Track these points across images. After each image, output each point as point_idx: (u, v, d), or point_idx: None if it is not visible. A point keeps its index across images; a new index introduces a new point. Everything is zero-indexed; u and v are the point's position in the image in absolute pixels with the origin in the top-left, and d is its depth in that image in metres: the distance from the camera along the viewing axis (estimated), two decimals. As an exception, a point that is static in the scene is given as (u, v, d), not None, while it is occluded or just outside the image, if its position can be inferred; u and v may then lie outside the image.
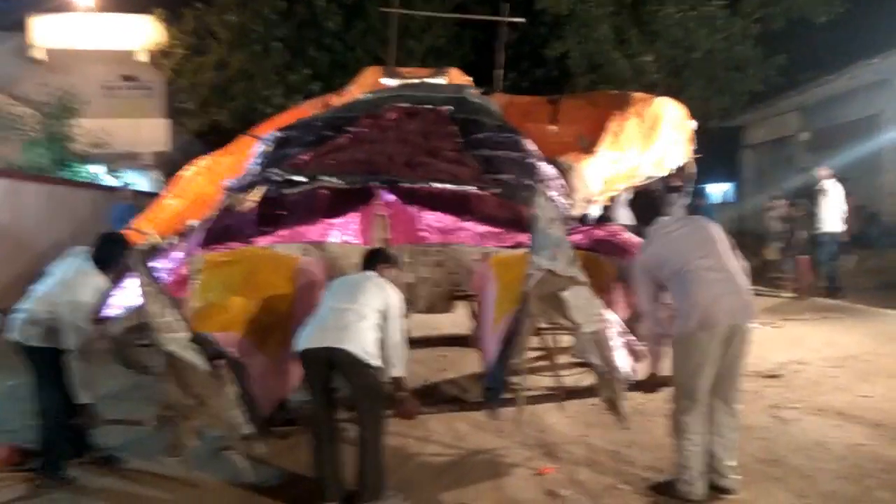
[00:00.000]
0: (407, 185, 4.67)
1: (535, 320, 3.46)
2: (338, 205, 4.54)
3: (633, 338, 4.45)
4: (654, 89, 13.10)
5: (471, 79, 8.48)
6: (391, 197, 4.56)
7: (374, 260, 3.72)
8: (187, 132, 18.54)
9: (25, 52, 17.27)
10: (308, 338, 3.33)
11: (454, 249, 4.41)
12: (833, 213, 8.98)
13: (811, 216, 9.18)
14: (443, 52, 17.79)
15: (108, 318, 4.05)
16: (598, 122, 7.26)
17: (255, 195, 4.65)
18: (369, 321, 3.33)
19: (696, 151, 8.12)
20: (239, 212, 4.48)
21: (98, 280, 3.63)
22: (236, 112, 16.88)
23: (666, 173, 7.57)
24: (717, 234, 3.61)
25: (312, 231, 4.34)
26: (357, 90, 7.90)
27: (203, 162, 7.51)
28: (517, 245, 4.40)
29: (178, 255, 4.23)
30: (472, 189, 4.74)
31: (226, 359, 3.18)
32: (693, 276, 3.43)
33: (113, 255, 3.73)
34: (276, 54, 16.78)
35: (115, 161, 15.36)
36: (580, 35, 12.85)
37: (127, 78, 18.73)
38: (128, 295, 4.10)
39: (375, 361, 3.31)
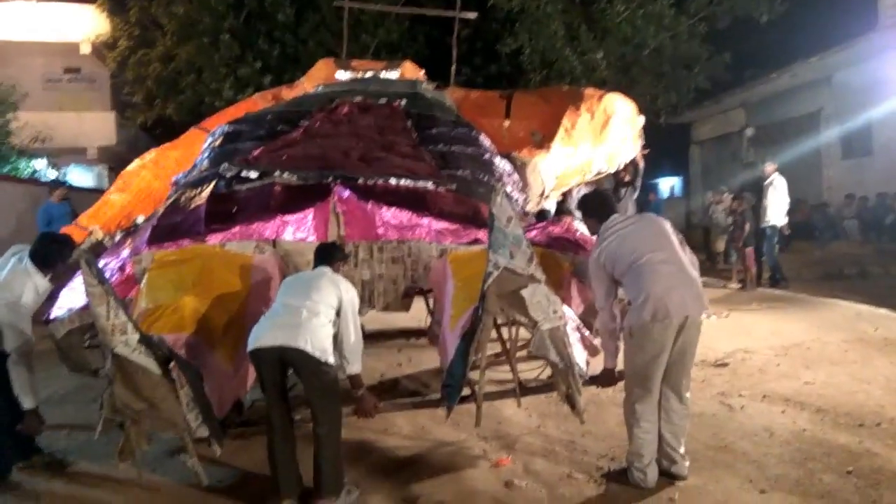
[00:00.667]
0: (362, 180, 4.63)
1: (494, 318, 3.49)
2: (292, 201, 4.47)
3: (588, 333, 4.54)
4: (605, 86, 13.33)
5: (423, 72, 8.47)
6: (346, 193, 4.51)
7: (328, 255, 3.67)
8: (134, 126, 17.98)
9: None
10: (260, 336, 3.26)
11: (411, 246, 4.39)
12: (778, 206, 9.29)
13: (756, 209, 9.47)
14: (396, 47, 17.66)
15: (52, 320, 3.92)
16: (551, 118, 7.36)
17: (204, 191, 4.55)
18: (323, 318, 3.29)
19: (645, 147, 8.32)
20: (187, 208, 4.37)
21: (38, 280, 3.49)
22: (185, 105, 16.44)
23: (616, 168, 7.72)
24: (668, 228, 3.69)
25: (266, 228, 4.25)
26: (309, 83, 7.83)
27: (149, 156, 7.34)
28: (474, 241, 4.41)
29: (124, 253, 4.10)
30: (428, 185, 4.73)
31: (177, 361, 3.10)
32: (646, 270, 3.50)
33: (54, 255, 3.59)
34: (226, 47, 16.37)
35: (58, 156, 14.81)
36: (532, 32, 12.93)
37: (69, 70, 18.13)
38: (74, 295, 3.96)
39: (329, 358, 3.27)
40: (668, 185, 20.94)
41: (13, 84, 13.29)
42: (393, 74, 7.71)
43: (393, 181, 4.70)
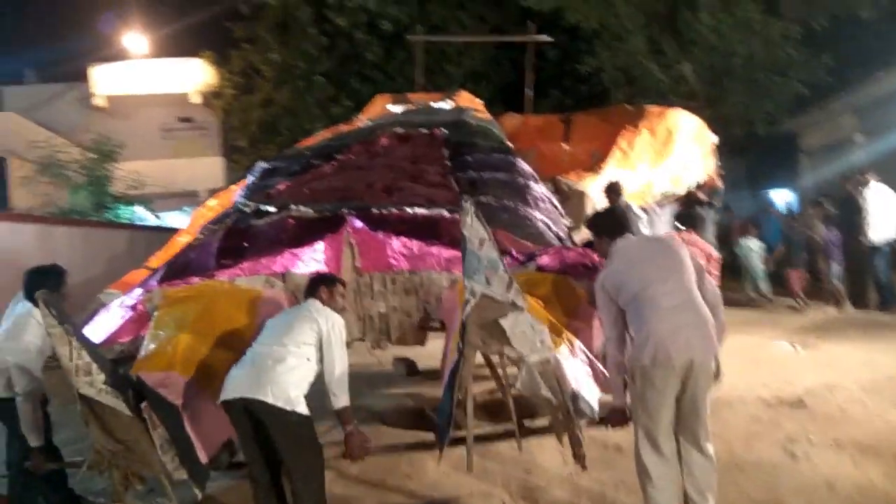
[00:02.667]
0: (377, 210, 4.54)
1: (476, 350, 3.25)
2: (306, 234, 4.45)
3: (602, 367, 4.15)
4: (694, 98, 12.65)
5: (480, 102, 8.32)
6: (358, 223, 4.44)
7: (311, 287, 3.54)
8: (241, 168, 19.15)
9: (88, 101, 18.33)
10: (226, 387, 3.15)
11: (422, 276, 4.23)
12: (883, 219, 8.23)
13: (855, 223, 8.45)
14: (481, 75, 17.77)
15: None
16: (611, 139, 7.02)
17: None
18: (291, 361, 3.14)
19: (749, 158, 7.75)
20: (201, 245, 4.46)
21: (37, 316, 3.57)
22: (283, 147, 17.28)
23: (684, 189, 7.18)
24: (683, 256, 3.27)
25: (275, 262, 4.25)
26: (364, 118, 7.91)
27: (217, 198, 7.66)
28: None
29: (136, 291, 4.22)
30: (443, 212, 4.57)
31: (150, 401, 3.08)
32: (649, 304, 3.12)
33: (35, 286, 3.60)
34: (319, 88, 17.13)
35: (158, 200, 15.99)
36: (612, 48, 12.51)
37: (183, 119, 19.61)
38: (94, 330, 4.10)
39: (298, 407, 3.09)
40: (782, 198, 19.41)
41: (122, 140, 14.51)
42: (446, 105, 7.62)
43: (409, 210, 4.57)
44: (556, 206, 5.62)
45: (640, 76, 12.72)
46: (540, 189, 5.56)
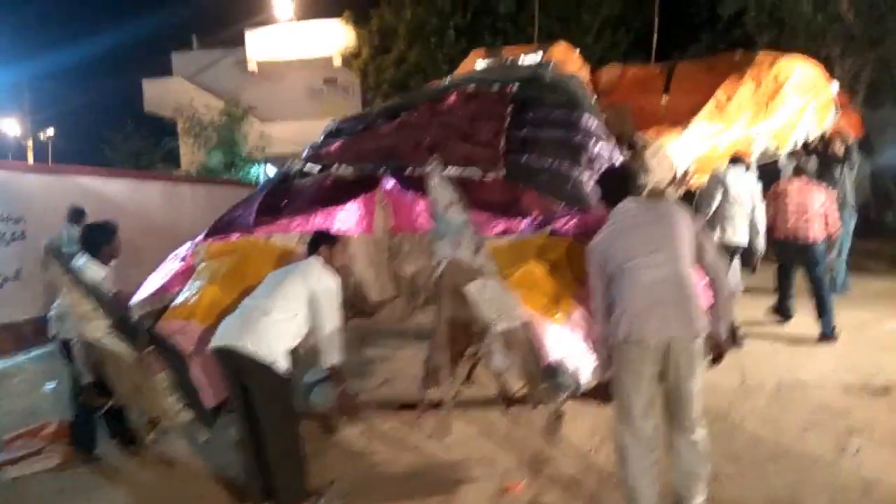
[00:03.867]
0: (410, 170, 4.53)
1: (450, 315, 3.19)
2: (343, 194, 4.54)
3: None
4: (852, 40, 11.07)
5: (577, 53, 7.94)
6: (391, 183, 4.47)
7: (312, 244, 3.60)
8: (378, 128, 19.82)
9: (244, 65, 19.81)
10: (216, 335, 3.29)
11: (446, 239, 4.18)
12: None
13: None
14: (620, 22, 16.80)
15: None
16: (713, 90, 6.39)
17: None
18: (277, 315, 3.24)
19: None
20: (246, 202, 4.71)
21: (93, 268, 4.04)
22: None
23: (792, 146, 6.39)
24: (681, 227, 2.97)
25: (310, 221, 4.38)
26: (458, 74, 7.84)
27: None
28: (504, 233, 4.05)
29: (187, 245, 4.56)
30: (474, 174, 4.46)
31: (158, 347, 3.37)
32: (629, 277, 2.90)
33: (98, 241, 4.00)
34: (450, 44, 17.12)
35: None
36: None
37: (328, 81, 20.58)
38: (153, 280, 4.51)
39: (277, 360, 3.17)
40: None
41: (270, 103, 15.48)
42: (535, 58, 7.34)
43: (450, 170, 4.49)
44: (603, 167, 5.27)
45: (789, 16, 11.33)
46: (602, 148, 5.22)
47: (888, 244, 10.22)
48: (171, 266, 4.46)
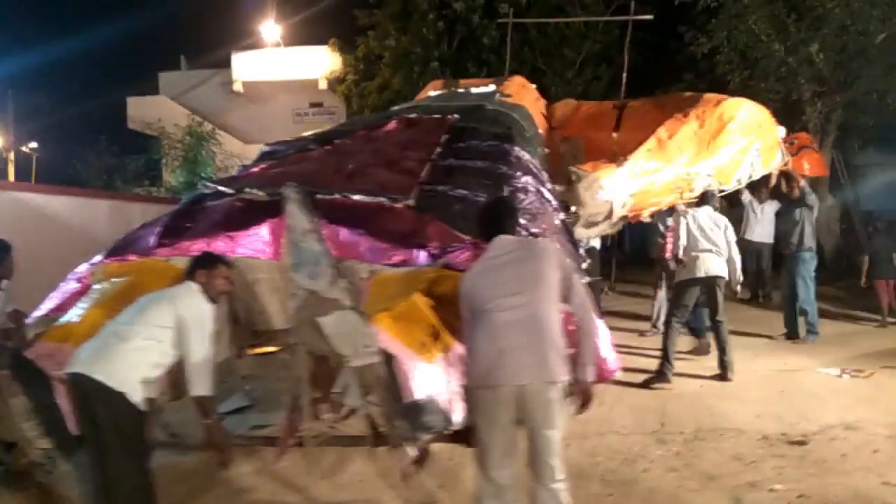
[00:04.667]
0: (322, 196, 4.43)
1: (307, 349, 3.06)
2: (250, 218, 4.43)
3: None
4: (822, 83, 11.10)
5: (533, 87, 7.94)
6: (298, 210, 4.36)
7: (191, 268, 3.44)
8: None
9: (230, 86, 19.90)
10: (70, 360, 3.12)
11: (347, 266, 4.06)
12: None
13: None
14: (603, 58, 16.92)
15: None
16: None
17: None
18: (136, 342, 3.07)
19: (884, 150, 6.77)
20: (153, 223, 4.60)
21: None
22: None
23: (734, 185, 6.33)
24: (546, 266, 2.85)
25: (212, 245, 4.27)
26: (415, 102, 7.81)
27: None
28: (401, 263, 3.93)
29: (83, 266, 4.44)
30: (383, 200, 4.36)
31: (19, 370, 3.23)
32: (488, 318, 2.78)
33: None
34: (433, 73, 17.20)
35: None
36: (730, 27, 11.31)
37: (314, 105, 20.66)
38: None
39: (128, 390, 2.98)
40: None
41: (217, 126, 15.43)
42: (488, 89, 7.31)
43: (354, 197, 4.41)
44: (547, 200, 5.18)
45: (762, 58, 11.40)
46: (529, 181, 5.14)
47: (855, 287, 10.13)
48: (68, 286, 4.35)
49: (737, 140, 6.14)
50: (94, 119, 19.18)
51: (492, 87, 7.41)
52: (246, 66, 19.71)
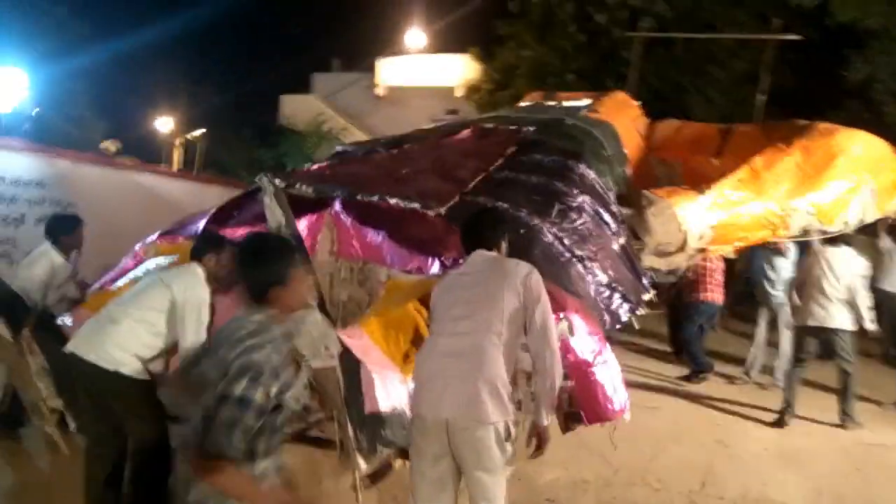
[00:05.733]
0: (360, 198, 4.46)
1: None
2: (295, 212, 4.56)
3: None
4: None
5: (637, 104, 7.48)
6: (337, 208, 4.44)
7: (201, 248, 3.38)
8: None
9: (372, 90, 20.76)
10: (71, 339, 3.15)
11: (370, 269, 4.08)
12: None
13: None
14: (752, 77, 15.71)
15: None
16: (768, 157, 5.76)
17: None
18: (128, 323, 3.10)
19: None
20: (209, 210, 4.84)
21: (52, 256, 4.18)
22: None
23: (839, 227, 5.58)
24: (504, 291, 2.59)
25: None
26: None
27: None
28: (416, 270, 3.86)
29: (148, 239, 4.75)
30: (415, 206, 4.29)
31: (41, 332, 3.49)
32: (433, 340, 2.65)
33: (58, 232, 4.26)
34: (567, 87, 16.87)
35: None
36: (889, 53, 10.07)
37: (450, 112, 20.99)
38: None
39: (122, 368, 3.01)
40: None
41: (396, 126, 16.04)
42: (580, 103, 7.02)
43: (390, 200, 4.39)
44: (606, 223, 4.88)
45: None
46: (586, 201, 4.86)
47: None
48: (126, 261, 4.71)
49: (846, 176, 5.42)
50: (249, 111, 20.60)
51: (585, 102, 7.11)
52: (389, 71, 20.49)
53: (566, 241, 4.40)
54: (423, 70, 20.06)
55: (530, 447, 2.66)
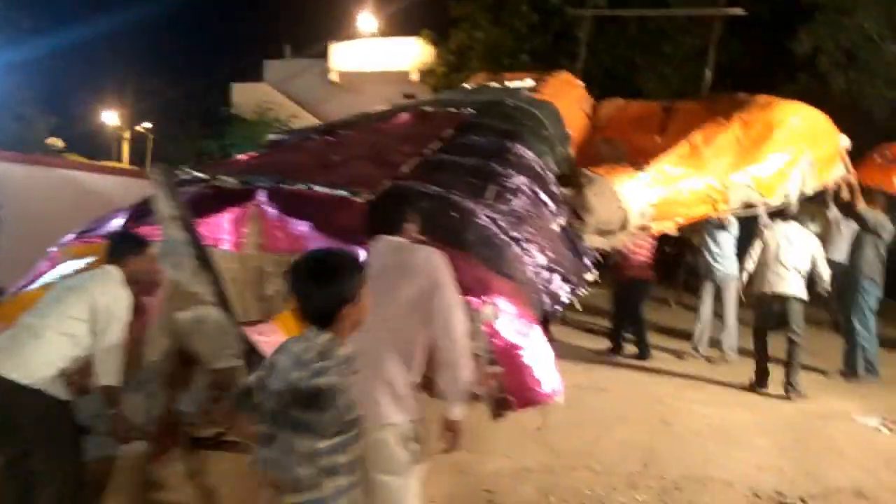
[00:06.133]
0: (285, 187, 4.27)
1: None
2: (214, 205, 4.35)
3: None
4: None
5: (581, 84, 7.40)
6: (262, 198, 4.24)
7: (121, 249, 3.19)
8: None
9: (327, 76, 20.38)
10: None
11: (290, 259, 3.91)
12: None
13: None
14: (704, 53, 15.74)
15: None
16: (708, 130, 5.71)
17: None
18: (50, 335, 2.92)
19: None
20: (127, 208, 4.61)
21: None
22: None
23: (779, 200, 5.57)
24: (411, 285, 2.43)
25: (172, 230, 4.23)
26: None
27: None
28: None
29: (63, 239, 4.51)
30: (342, 193, 4.12)
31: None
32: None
33: None
34: (522, 67, 16.75)
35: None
36: (834, 24, 10.14)
37: (407, 96, 20.72)
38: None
39: (49, 388, 2.85)
40: None
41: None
42: (522, 84, 6.90)
43: (317, 188, 4.21)
44: (544, 203, 4.78)
45: (872, 59, 10.15)
46: (524, 181, 4.74)
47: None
48: (41, 264, 4.45)
49: (784, 149, 5.40)
50: (198, 101, 20.03)
51: (528, 83, 6.98)
52: (342, 57, 20.12)
53: (502, 223, 4.28)
54: (377, 54, 19.73)
55: (444, 442, 2.53)
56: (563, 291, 4.40)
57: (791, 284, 6.05)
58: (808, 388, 5.78)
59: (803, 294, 6.06)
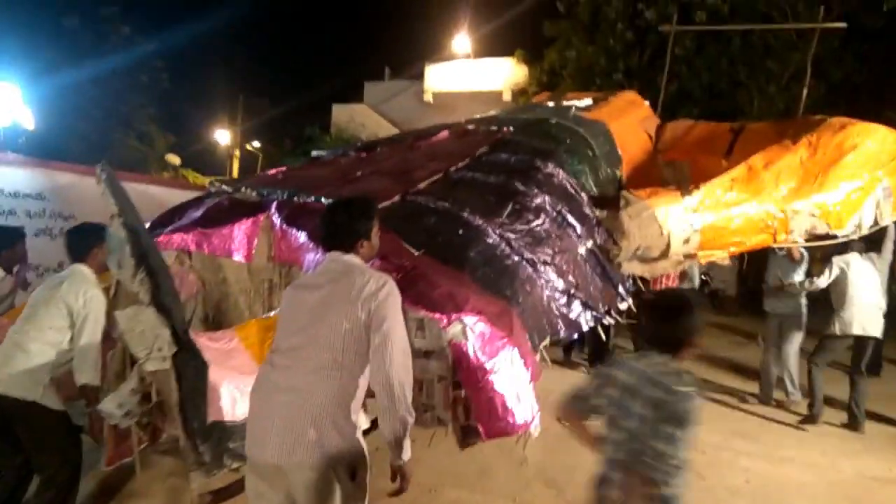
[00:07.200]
0: (297, 200, 4.26)
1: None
2: (229, 216, 4.40)
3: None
4: None
5: (646, 104, 7.01)
6: (273, 210, 4.26)
7: (83, 245, 3.26)
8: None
9: (421, 97, 20.69)
10: None
11: (295, 272, 3.88)
12: None
13: None
14: (818, 71, 14.59)
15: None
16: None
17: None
18: (34, 348, 3.04)
19: None
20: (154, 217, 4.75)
21: None
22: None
23: (849, 231, 4.95)
24: (345, 315, 2.22)
25: (187, 239, 4.30)
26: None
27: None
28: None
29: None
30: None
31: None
32: (267, 364, 2.31)
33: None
34: (616, 87, 16.25)
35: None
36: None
37: (499, 116, 20.74)
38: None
39: (43, 399, 2.98)
40: None
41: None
42: (579, 103, 6.62)
43: (327, 202, 4.17)
44: (570, 225, 4.50)
45: None
46: (547, 201, 4.48)
47: None
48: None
49: (858, 175, 4.80)
50: (301, 121, 20.90)
51: (585, 102, 6.68)
52: (437, 77, 20.35)
53: (515, 243, 4.05)
54: (471, 75, 19.81)
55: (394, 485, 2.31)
56: (585, 319, 4.08)
57: (877, 325, 5.71)
58: (872, 441, 5.09)
59: (880, 333, 5.75)
